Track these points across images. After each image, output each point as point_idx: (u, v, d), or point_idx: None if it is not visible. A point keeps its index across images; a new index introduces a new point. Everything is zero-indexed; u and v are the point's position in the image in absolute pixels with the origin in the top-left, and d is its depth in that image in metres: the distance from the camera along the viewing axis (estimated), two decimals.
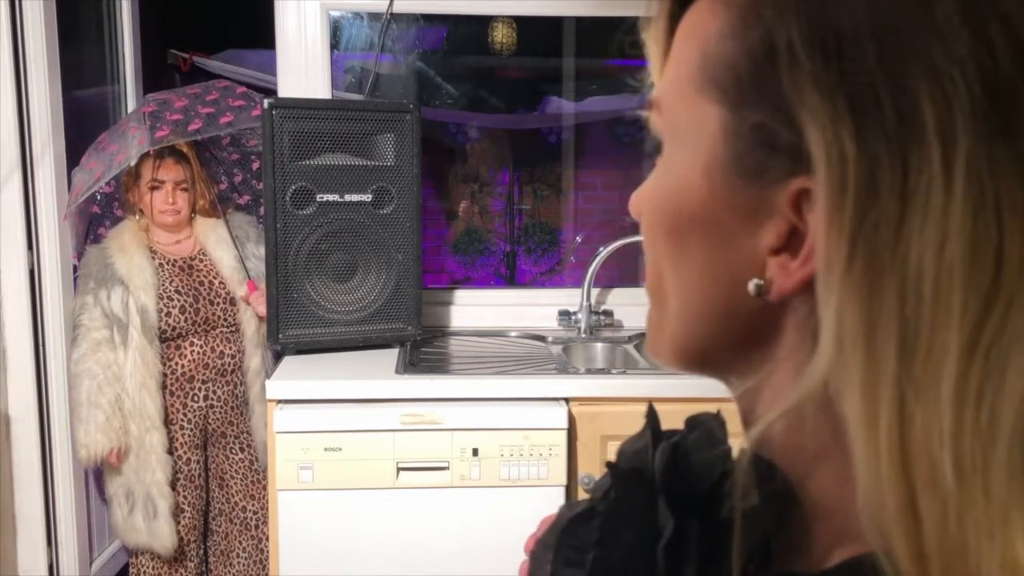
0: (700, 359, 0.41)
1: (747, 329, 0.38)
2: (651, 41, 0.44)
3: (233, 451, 2.40)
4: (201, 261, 2.36)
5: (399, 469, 1.79)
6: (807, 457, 0.37)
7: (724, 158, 0.37)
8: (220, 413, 2.36)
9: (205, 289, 2.33)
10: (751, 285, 0.36)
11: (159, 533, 2.25)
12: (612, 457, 0.47)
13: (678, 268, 0.40)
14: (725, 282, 0.38)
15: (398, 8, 2.28)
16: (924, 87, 0.30)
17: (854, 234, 0.31)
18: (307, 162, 2.00)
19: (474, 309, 2.42)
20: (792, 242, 0.35)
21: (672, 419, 0.46)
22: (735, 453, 0.39)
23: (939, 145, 0.30)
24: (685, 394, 1.63)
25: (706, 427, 0.43)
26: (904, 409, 0.30)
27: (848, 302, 0.32)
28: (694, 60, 0.38)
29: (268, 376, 1.92)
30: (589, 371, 2.12)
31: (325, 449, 1.77)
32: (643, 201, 0.43)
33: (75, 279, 2.38)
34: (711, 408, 0.45)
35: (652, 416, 0.45)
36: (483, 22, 3.37)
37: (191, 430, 2.33)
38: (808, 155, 0.33)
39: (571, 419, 1.82)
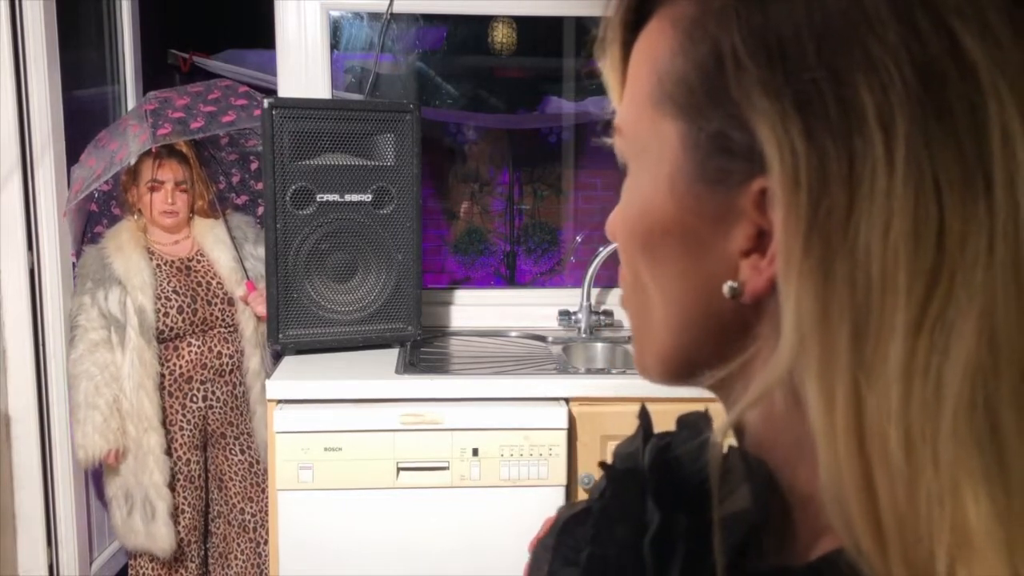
0: (687, 369, 0.42)
1: (726, 331, 0.39)
2: (607, 69, 0.45)
3: (233, 452, 2.40)
4: (199, 261, 2.36)
5: (399, 469, 1.79)
6: (786, 450, 0.38)
7: (687, 169, 0.38)
8: (219, 414, 2.36)
9: (203, 290, 2.32)
10: (725, 288, 0.38)
11: (157, 535, 2.25)
12: (610, 458, 0.47)
13: (658, 282, 0.41)
14: (703, 289, 0.39)
15: (398, 8, 2.28)
16: (861, 78, 0.32)
17: (809, 226, 0.32)
18: (307, 162, 2.00)
19: (474, 309, 2.42)
20: (761, 243, 0.36)
21: (669, 419, 0.46)
22: (724, 450, 0.39)
23: (880, 131, 0.31)
24: (684, 394, 1.63)
25: (695, 426, 0.44)
26: (858, 391, 0.31)
27: (804, 291, 0.33)
28: (649, 81, 0.40)
29: (268, 376, 1.92)
30: (589, 371, 2.12)
31: (325, 449, 1.77)
32: (616, 224, 0.45)
33: (73, 278, 2.38)
34: (705, 407, 0.45)
35: (644, 417, 0.46)
36: (483, 22, 3.37)
37: (190, 431, 2.32)
38: (763, 155, 0.34)
39: (571, 419, 1.82)
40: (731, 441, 0.42)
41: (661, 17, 0.40)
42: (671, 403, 0.52)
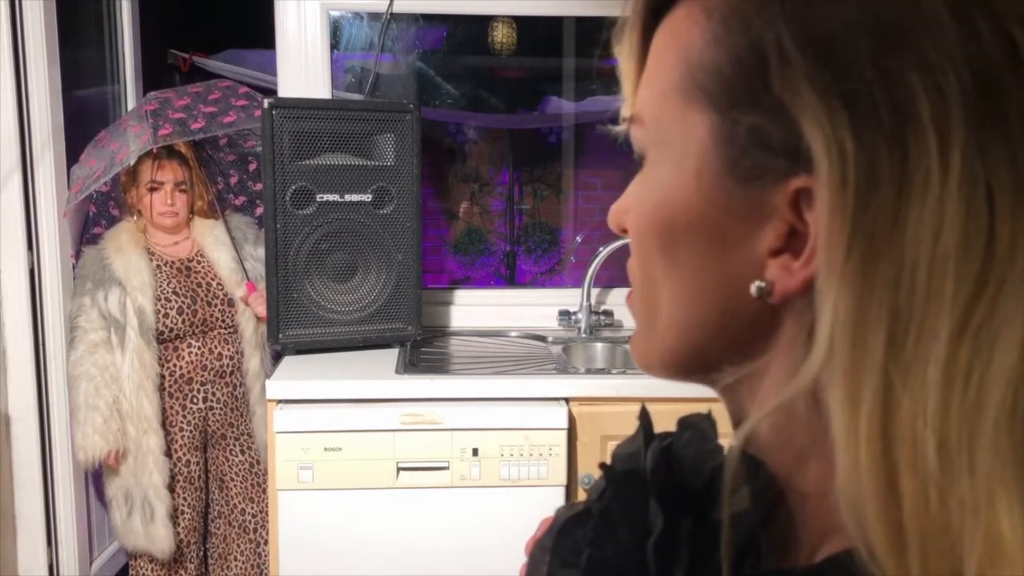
0: (696, 365, 0.41)
1: (745, 331, 0.38)
2: (624, 56, 0.44)
3: (233, 453, 2.39)
4: (199, 262, 2.36)
5: (399, 469, 1.79)
6: (798, 452, 0.37)
7: (716, 163, 0.37)
8: (219, 415, 2.35)
9: (203, 290, 2.32)
10: (753, 288, 0.37)
11: (156, 536, 2.25)
12: (610, 459, 0.47)
13: (673, 277, 0.40)
14: (725, 287, 0.38)
15: (398, 8, 2.28)
16: (916, 78, 0.31)
17: (854, 227, 0.32)
18: (307, 162, 2.00)
19: (474, 309, 2.42)
20: (791, 242, 0.35)
21: (669, 419, 0.46)
22: (725, 451, 0.39)
23: (935, 134, 0.31)
24: (684, 394, 1.63)
25: (697, 427, 0.43)
26: (890, 394, 0.31)
27: (843, 294, 0.32)
28: (677, 69, 0.39)
29: (268, 377, 1.92)
30: (589, 371, 2.12)
31: (325, 449, 1.77)
32: (626, 215, 0.43)
33: (73, 279, 2.38)
34: (708, 408, 0.45)
35: (645, 418, 0.46)
36: (483, 22, 3.37)
37: (190, 432, 2.32)
38: (806, 154, 0.33)
39: (571, 419, 1.82)
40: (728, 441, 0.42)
41: (691, 4, 0.39)
42: (672, 403, 0.52)
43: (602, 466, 0.45)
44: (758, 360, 0.38)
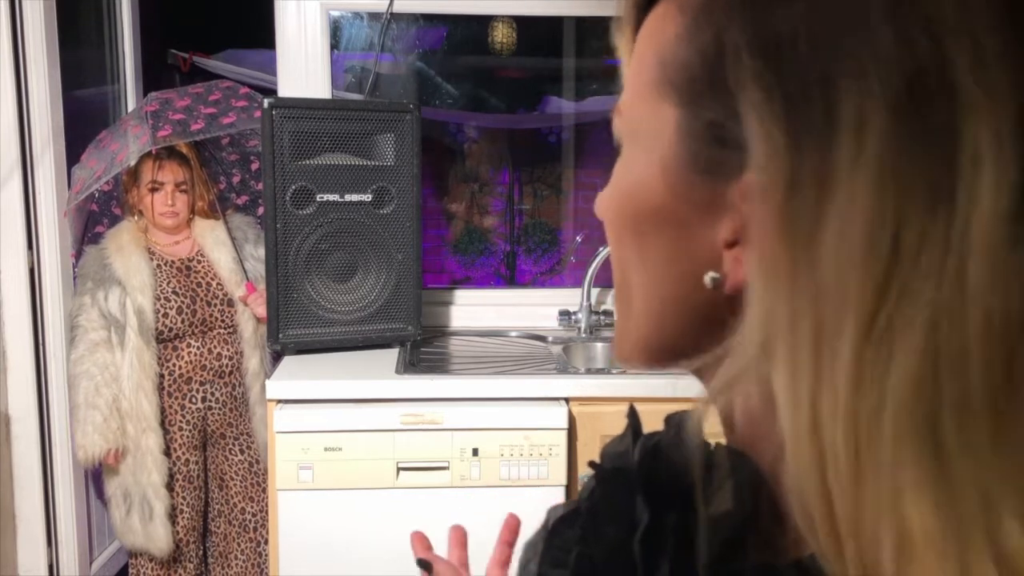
0: (667, 353, 0.42)
1: (706, 320, 0.39)
2: (622, 50, 0.45)
3: (232, 452, 2.40)
4: (199, 262, 2.36)
5: (399, 469, 1.79)
6: (778, 444, 0.38)
7: (681, 155, 0.38)
8: (219, 415, 2.36)
9: (203, 290, 2.32)
10: (707, 278, 0.38)
11: (155, 535, 2.25)
12: (599, 457, 0.47)
13: (642, 265, 0.41)
14: (685, 276, 0.39)
15: (398, 8, 2.28)
16: (849, 83, 0.32)
17: (779, 224, 0.33)
18: (307, 162, 2.00)
19: (474, 309, 2.42)
20: (745, 235, 0.36)
21: (662, 419, 0.46)
22: (712, 447, 0.40)
23: (852, 136, 0.31)
24: (684, 394, 1.63)
25: (683, 424, 0.44)
26: (818, 391, 0.32)
27: (768, 289, 0.33)
28: (652, 64, 0.40)
29: (268, 376, 1.93)
30: (589, 371, 2.12)
31: (325, 449, 1.77)
32: (606, 203, 0.45)
33: (73, 278, 2.38)
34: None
35: (633, 416, 0.47)
36: (483, 22, 3.37)
37: (189, 431, 2.33)
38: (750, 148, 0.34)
39: (571, 419, 1.82)
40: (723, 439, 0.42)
41: (669, 2, 0.40)
42: (665, 403, 0.52)
43: (591, 464, 0.46)
44: (717, 349, 0.39)
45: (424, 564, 0.70)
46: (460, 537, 0.77)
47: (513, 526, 0.74)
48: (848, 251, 0.31)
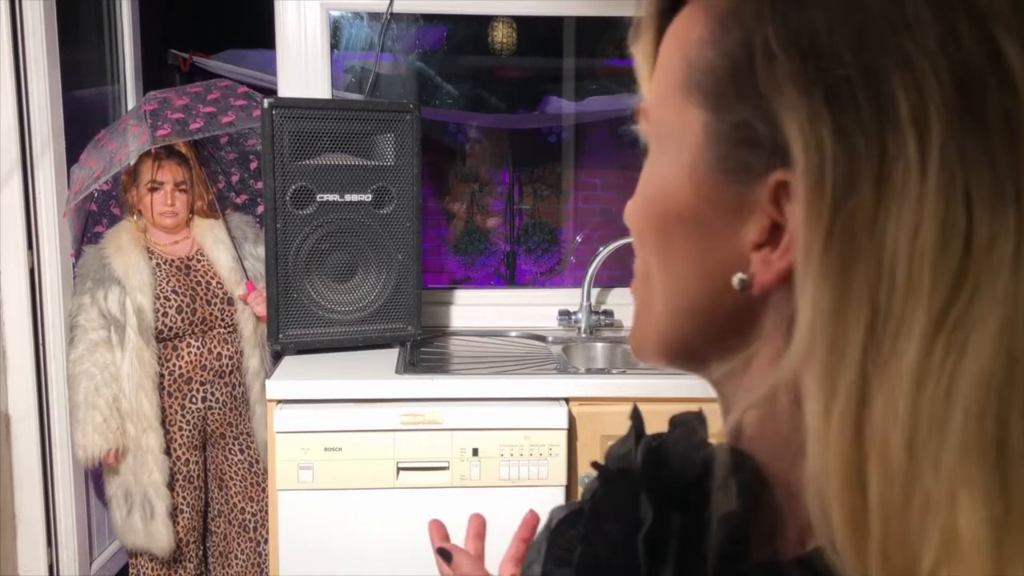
0: (685, 353, 0.42)
1: (730, 322, 0.39)
2: (639, 53, 0.45)
3: (232, 452, 2.40)
4: (199, 261, 2.36)
5: (399, 469, 1.79)
6: (784, 444, 0.38)
7: (708, 158, 0.38)
8: (219, 414, 2.36)
9: (202, 289, 2.32)
10: (735, 280, 0.38)
11: (156, 534, 2.25)
12: (604, 458, 0.47)
13: (666, 267, 0.41)
14: (712, 278, 0.39)
15: (398, 8, 2.28)
16: (898, 78, 0.31)
17: (831, 222, 0.32)
18: (307, 162, 2.00)
19: (474, 309, 2.42)
20: (773, 236, 0.36)
21: (664, 420, 0.46)
22: (714, 447, 0.40)
23: (914, 134, 0.31)
24: (684, 394, 1.63)
25: (688, 425, 0.44)
26: (865, 388, 0.31)
27: (821, 288, 0.33)
28: (679, 68, 0.40)
29: (268, 376, 1.92)
30: (589, 371, 2.12)
31: (325, 449, 1.77)
32: (632, 210, 0.45)
33: (73, 278, 2.38)
34: (701, 407, 0.46)
35: (636, 417, 0.47)
36: (483, 22, 3.37)
37: (189, 431, 2.33)
38: (785, 148, 0.34)
39: (571, 419, 1.82)
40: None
41: (695, 5, 0.40)
42: (667, 403, 0.52)
43: (595, 465, 0.46)
44: (742, 353, 0.39)
45: (444, 553, 0.70)
46: (479, 528, 0.77)
47: (531, 524, 0.74)
48: (921, 248, 0.31)
